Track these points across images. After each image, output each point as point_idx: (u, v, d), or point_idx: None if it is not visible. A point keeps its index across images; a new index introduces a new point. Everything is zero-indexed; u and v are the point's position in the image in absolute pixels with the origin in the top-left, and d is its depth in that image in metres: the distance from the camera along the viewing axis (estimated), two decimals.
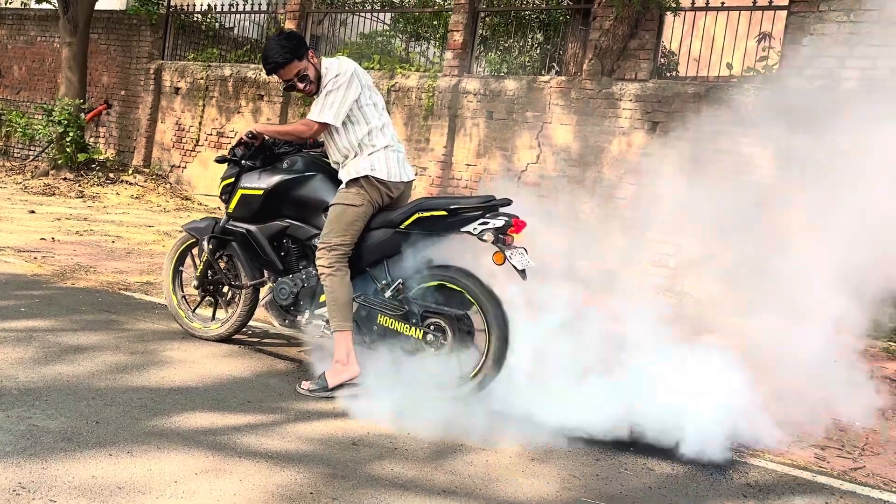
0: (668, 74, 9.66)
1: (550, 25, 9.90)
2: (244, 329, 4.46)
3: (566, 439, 3.26)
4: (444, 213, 3.65)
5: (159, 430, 2.98)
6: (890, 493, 3.12)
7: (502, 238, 3.51)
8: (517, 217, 3.54)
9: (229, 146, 4.13)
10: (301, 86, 3.80)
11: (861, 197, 6.84)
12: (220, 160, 4.27)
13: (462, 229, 3.60)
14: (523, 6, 10.26)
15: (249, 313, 4.34)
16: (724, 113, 7.74)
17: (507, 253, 3.47)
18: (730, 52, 8.37)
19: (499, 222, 3.51)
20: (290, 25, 11.45)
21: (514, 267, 3.47)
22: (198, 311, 4.52)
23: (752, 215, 7.61)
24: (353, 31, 12.54)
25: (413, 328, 3.66)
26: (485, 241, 3.53)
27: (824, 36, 7.30)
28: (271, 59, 3.75)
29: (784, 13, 7.67)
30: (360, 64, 10.80)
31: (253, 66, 11.84)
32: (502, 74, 9.29)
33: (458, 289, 3.64)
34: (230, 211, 4.15)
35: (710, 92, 7.88)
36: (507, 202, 3.65)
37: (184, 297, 4.52)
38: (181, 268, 4.51)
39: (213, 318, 4.45)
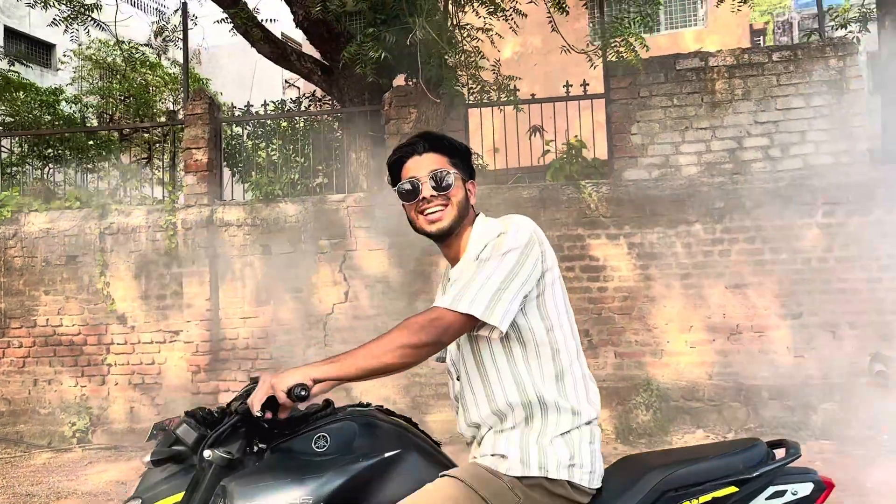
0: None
1: (309, 135, 8.18)
2: None
3: None
4: (733, 489, 1.88)
5: None
6: None
7: None
8: (822, 476, 2.01)
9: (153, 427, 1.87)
10: (429, 196, 1.95)
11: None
12: (155, 462, 1.77)
13: None
14: (287, 112, 8.37)
15: None
16: (564, 214, 6.81)
17: None
18: (526, 146, 7.57)
19: (804, 488, 1.97)
20: None
21: None
22: None
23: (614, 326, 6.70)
24: None
25: None
26: None
27: (652, 122, 6.85)
28: (433, 135, 2.04)
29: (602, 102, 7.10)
30: (50, 204, 7.77)
31: None
32: (276, 196, 7.25)
33: None
34: None
35: (544, 193, 6.89)
36: (795, 451, 1.98)
37: None
38: None
39: None
